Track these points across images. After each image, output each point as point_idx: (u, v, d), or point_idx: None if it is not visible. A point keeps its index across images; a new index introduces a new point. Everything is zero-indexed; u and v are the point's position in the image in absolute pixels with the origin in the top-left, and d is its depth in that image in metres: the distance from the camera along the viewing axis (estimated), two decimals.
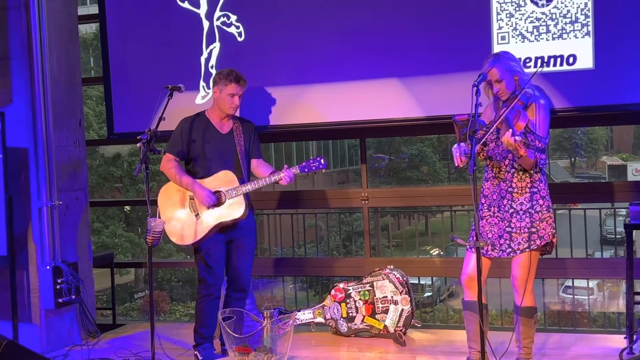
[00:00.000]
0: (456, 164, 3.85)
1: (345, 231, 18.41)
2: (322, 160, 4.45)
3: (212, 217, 4.51)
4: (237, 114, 4.71)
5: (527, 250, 3.91)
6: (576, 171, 35.87)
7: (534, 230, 3.90)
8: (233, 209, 4.50)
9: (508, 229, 3.95)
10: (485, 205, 4.06)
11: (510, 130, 3.69)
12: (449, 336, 5.12)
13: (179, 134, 4.65)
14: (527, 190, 3.92)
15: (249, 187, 4.48)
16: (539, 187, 3.94)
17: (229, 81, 4.53)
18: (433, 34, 4.85)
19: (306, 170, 4.45)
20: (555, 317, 14.32)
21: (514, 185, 3.95)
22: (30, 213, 5.10)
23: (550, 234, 3.94)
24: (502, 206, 3.97)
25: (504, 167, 3.98)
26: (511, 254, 3.96)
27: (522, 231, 3.91)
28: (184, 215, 4.57)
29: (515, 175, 3.94)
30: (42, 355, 4.35)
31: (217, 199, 4.49)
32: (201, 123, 4.65)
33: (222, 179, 4.53)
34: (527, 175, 3.93)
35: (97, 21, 5.70)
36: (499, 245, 3.98)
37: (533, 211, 3.91)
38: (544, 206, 3.93)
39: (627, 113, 4.73)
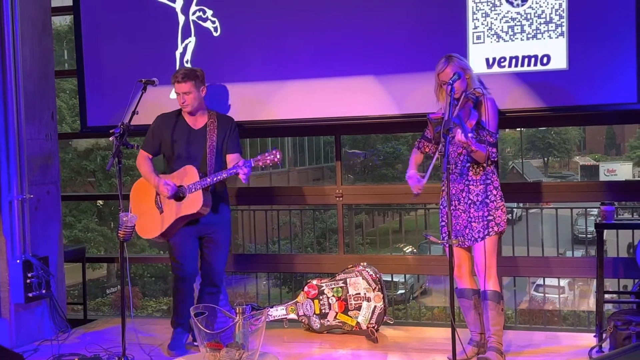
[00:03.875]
0: (415, 193, 4.16)
1: (320, 228, 18.44)
2: (278, 155, 4.35)
3: (173, 212, 4.58)
4: (199, 108, 4.69)
5: (486, 237, 4.15)
6: (549, 171, 36.23)
7: (490, 218, 4.17)
8: (191, 204, 4.54)
9: (469, 219, 4.20)
10: (446, 202, 4.18)
11: (462, 128, 3.89)
12: (421, 333, 5.15)
13: (152, 131, 4.74)
14: (482, 182, 4.18)
15: (207, 181, 4.50)
16: (492, 179, 4.21)
17: (173, 81, 4.62)
18: (409, 33, 4.86)
19: (260, 163, 4.36)
20: (526, 315, 14.44)
21: (469, 179, 4.20)
22: (1, 206, 5.03)
23: (504, 220, 4.22)
24: (462, 198, 4.22)
25: (460, 162, 4.22)
26: (473, 242, 4.20)
27: (480, 220, 4.17)
28: (150, 211, 4.66)
29: (471, 169, 4.20)
30: (11, 350, 4.30)
31: (175, 190, 4.53)
32: (174, 119, 4.71)
33: (185, 174, 4.58)
34: (481, 168, 4.18)
35: (71, 13, 5.64)
36: (465, 235, 4.22)
37: (488, 201, 4.18)
38: (497, 196, 4.20)
39: (600, 113, 4.78)
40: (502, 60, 4.66)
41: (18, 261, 4.96)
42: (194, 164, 4.58)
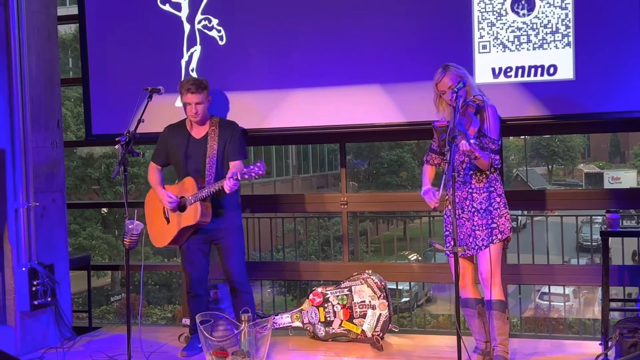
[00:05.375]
0: (432, 207, 4.14)
1: (324, 236, 18.42)
2: (262, 167, 4.30)
3: (176, 223, 4.69)
4: (201, 116, 4.73)
5: (490, 245, 4.13)
6: (553, 178, 36.20)
7: (494, 225, 4.15)
8: (190, 216, 4.61)
9: (473, 227, 4.17)
10: (452, 210, 4.16)
11: (465, 135, 3.90)
12: (426, 341, 5.14)
13: (159, 142, 4.87)
14: (485, 190, 4.17)
15: (202, 194, 4.55)
16: (496, 186, 4.18)
17: (183, 90, 4.68)
18: (414, 42, 4.86)
19: (246, 176, 4.33)
20: (532, 323, 14.41)
21: (473, 187, 4.18)
22: (7, 214, 5.05)
23: (509, 228, 4.19)
24: (465, 207, 4.20)
25: (462, 171, 4.20)
26: (477, 251, 4.18)
27: (483, 228, 4.15)
28: (160, 221, 4.78)
29: (474, 177, 4.18)
30: (17, 358, 4.31)
31: (177, 203, 4.66)
32: (179, 130, 4.81)
33: (184, 186, 4.67)
34: (484, 176, 4.17)
35: (77, 22, 5.66)
36: (469, 243, 4.19)
37: (492, 208, 4.15)
38: (501, 203, 4.18)
39: (604, 121, 4.78)
40: (509, 70, 4.66)
41: (24, 269, 4.97)
42: (195, 174, 4.66)
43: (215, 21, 5.24)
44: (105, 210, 20.72)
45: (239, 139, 4.74)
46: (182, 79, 5.29)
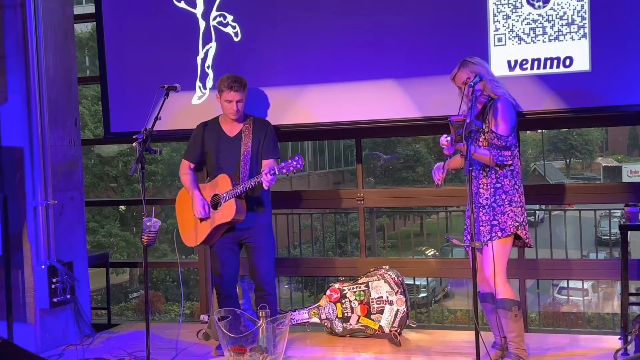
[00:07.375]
0: (436, 183, 4.17)
1: (341, 231, 18.39)
2: (300, 160, 4.30)
3: (209, 221, 4.65)
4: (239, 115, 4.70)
5: (489, 241, 4.10)
6: (571, 172, 35.96)
7: (495, 222, 4.12)
8: (225, 212, 4.58)
9: (478, 223, 4.17)
10: (468, 205, 4.19)
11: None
12: (444, 336, 5.13)
13: (192, 140, 4.82)
14: (492, 186, 4.15)
15: (238, 190, 4.52)
16: (503, 183, 4.15)
17: (224, 88, 4.62)
18: (429, 36, 4.85)
19: (284, 170, 4.34)
20: (550, 318, 14.33)
21: (481, 182, 4.18)
22: (26, 212, 5.09)
23: (512, 226, 4.11)
24: (475, 202, 4.18)
25: (472, 166, 4.12)
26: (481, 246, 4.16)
27: (485, 224, 4.14)
28: (191, 220, 4.74)
29: (482, 172, 4.17)
30: (37, 355, 4.34)
31: (208, 212, 4.64)
32: (212, 127, 4.77)
33: (218, 183, 4.62)
34: (493, 172, 4.15)
35: (93, 20, 5.69)
36: (478, 238, 4.17)
37: (495, 205, 4.13)
38: (505, 200, 4.13)
39: (622, 114, 4.75)
40: (524, 62, 4.64)
41: (43, 267, 5.00)
42: (229, 171, 4.62)
43: (230, 17, 5.25)
44: (123, 207, 20.81)
45: (273, 137, 4.74)
46: (198, 76, 5.32)
